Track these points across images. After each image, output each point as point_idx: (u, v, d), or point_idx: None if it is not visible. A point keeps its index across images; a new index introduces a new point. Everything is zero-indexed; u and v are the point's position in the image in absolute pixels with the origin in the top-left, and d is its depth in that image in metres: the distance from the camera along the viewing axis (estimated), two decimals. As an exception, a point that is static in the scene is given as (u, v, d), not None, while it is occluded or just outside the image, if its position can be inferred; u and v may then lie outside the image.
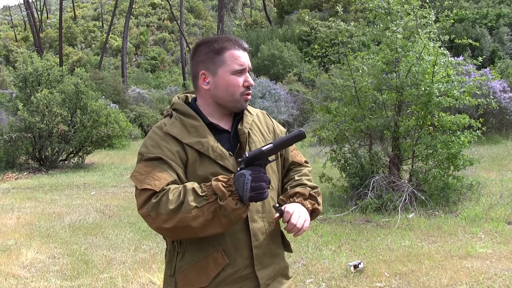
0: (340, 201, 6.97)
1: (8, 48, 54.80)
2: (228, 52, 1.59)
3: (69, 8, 67.00)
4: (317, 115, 11.94)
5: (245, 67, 1.61)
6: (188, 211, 1.37)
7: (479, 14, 26.54)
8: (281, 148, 1.45)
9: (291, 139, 1.43)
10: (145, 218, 1.45)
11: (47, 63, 12.89)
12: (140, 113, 21.82)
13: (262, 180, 1.37)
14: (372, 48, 7.27)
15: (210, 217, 1.37)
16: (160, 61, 50.27)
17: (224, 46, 1.60)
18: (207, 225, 1.39)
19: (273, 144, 1.42)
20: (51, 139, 11.78)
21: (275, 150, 1.42)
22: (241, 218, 1.41)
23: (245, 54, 1.63)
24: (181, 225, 1.39)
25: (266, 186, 1.38)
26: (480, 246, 4.73)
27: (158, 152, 1.52)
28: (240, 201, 1.37)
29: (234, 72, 1.59)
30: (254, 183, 1.35)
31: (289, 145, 1.47)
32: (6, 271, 4.48)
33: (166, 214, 1.39)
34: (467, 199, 6.59)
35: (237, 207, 1.37)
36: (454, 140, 6.18)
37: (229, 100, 1.61)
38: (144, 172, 1.49)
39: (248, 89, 1.63)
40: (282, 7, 42.54)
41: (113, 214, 6.91)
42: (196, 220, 1.38)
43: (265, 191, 1.37)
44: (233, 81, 1.60)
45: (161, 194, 1.43)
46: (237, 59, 1.60)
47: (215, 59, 1.60)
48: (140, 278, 4.21)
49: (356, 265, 4.18)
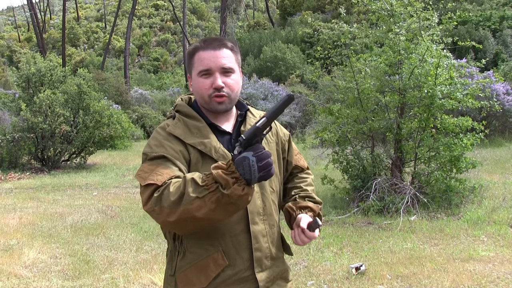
0: (342, 203, 6.96)
1: (12, 48, 54.96)
2: (197, 54, 1.59)
3: (72, 9, 67.18)
4: (319, 117, 11.91)
5: (209, 68, 1.56)
6: (189, 202, 1.34)
7: (482, 16, 26.49)
8: (275, 117, 1.39)
9: (282, 105, 1.38)
10: (150, 214, 1.44)
11: (50, 63, 12.93)
12: (143, 114, 21.84)
13: (267, 157, 1.32)
14: (374, 50, 7.27)
15: (213, 207, 1.34)
16: (163, 62, 50.32)
17: (195, 48, 1.61)
18: (212, 214, 1.36)
19: (266, 116, 1.38)
20: (53, 140, 11.80)
21: (269, 121, 1.38)
22: (248, 202, 1.37)
23: (217, 52, 1.57)
24: (184, 216, 1.36)
25: (271, 160, 1.34)
26: (483, 249, 4.71)
27: (161, 151, 1.52)
28: (247, 185, 1.33)
29: (199, 73, 1.58)
30: (260, 162, 1.30)
31: (280, 113, 1.40)
32: (8, 271, 4.49)
33: (169, 207, 1.37)
34: (469, 202, 6.57)
35: (244, 193, 1.32)
36: (456, 143, 6.16)
37: (203, 102, 1.61)
38: (148, 170, 1.49)
39: (218, 91, 1.56)
40: (285, 8, 42.57)
41: (115, 215, 6.91)
42: (200, 211, 1.35)
43: (272, 167, 1.33)
44: (200, 83, 1.58)
45: (163, 188, 1.41)
46: (202, 60, 1.57)
47: (189, 62, 1.63)
48: (142, 278, 4.21)
49: (358, 267, 4.18)
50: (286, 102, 1.37)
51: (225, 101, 1.59)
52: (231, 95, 1.60)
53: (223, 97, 1.58)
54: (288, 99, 1.37)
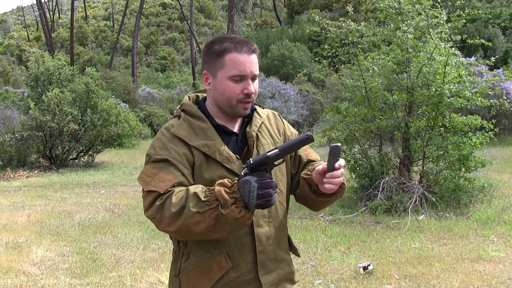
0: (350, 202, 6.92)
1: (21, 47, 55.39)
2: (229, 55, 1.52)
3: (81, 8, 67.52)
4: (327, 115, 11.89)
5: (245, 74, 1.52)
6: (189, 216, 1.35)
7: (492, 14, 26.26)
8: (288, 153, 1.39)
9: (298, 143, 1.37)
10: (151, 220, 1.45)
11: (58, 62, 13.02)
12: (150, 113, 21.91)
13: (269, 187, 1.31)
14: (382, 49, 7.21)
15: (212, 223, 1.35)
16: (170, 61, 50.43)
17: (226, 48, 1.52)
18: (210, 231, 1.37)
19: (279, 149, 1.36)
20: (61, 138, 11.87)
21: (281, 155, 1.36)
22: (244, 225, 1.37)
23: (250, 57, 1.53)
24: (184, 229, 1.38)
25: (273, 192, 1.33)
26: (493, 250, 4.66)
27: (165, 153, 1.50)
28: (245, 208, 1.33)
29: (232, 77, 1.52)
30: (261, 190, 1.30)
31: (295, 150, 1.40)
32: (17, 268, 4.52)
33: (169, 217, 1.38)
34: (478, 202, 6.51)
35: (241, 216, 1.32)
36: (465, 142, 6.11)
37: (226, 105, 1.56)
38: (151, 174, 1.48)
39: (247, 97, 1.54)
40: (292, 7, 42.49)
41: (122, 213, 6.94)
42: (198, 226, 1.35)
43: (272, 198, 1.32)
44: (230, 87, 1.53)
45: (165, 196, 1.41)
46: (237, 64, 1.51)
47: (216, 61, 1.55)
48: (149, 277, 4.22)
49: (366, 267, 4.15)
50: (303, 141, 1.36)
51: (249, 107, 1.59)
52: (254, 100, 1.59)
53: (250, 103, 1.57)
54: (307, 139, 1.36)
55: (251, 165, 1.34)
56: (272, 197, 1.32)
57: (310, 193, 1.60)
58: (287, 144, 1.38)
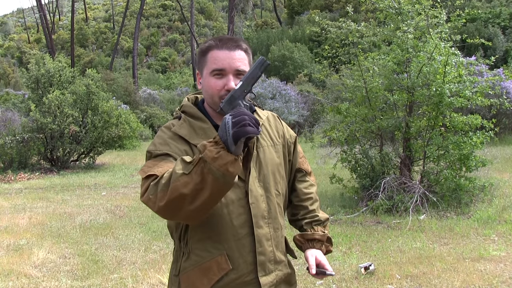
0: (351, 202, 6.92)
1: (21, 49, 55.51)
2: (211, 53, 1.55)
3: (81, 10, 67.61)
4: (327, 115, 11.89)
5: (223, 68, 1.52)
6: (176, 179, 1.32)
7: (492, 13, 26.24)
8: (251, 81, 1.37)
9: (257, 68, 1.36)
10: (146, 204, 1.42)
11: (59, 64, 13.03)
12: (151, 114, 21.94)
13: (243, 114, 1.28)
14: (383, 49, 7.22)
15: (198, 180, 1.30)
16: (171, 62, 50.49)
17: (209, 45, 1.57)
18: (199, 190, 1.32)
19: (240, 80, 1.37)
20: (62, 140, 11.89)
21: (244, 85, 1.36)
22: (227, 172, 1.29)
23: (232, 53, 1.54)
24: (173, 196, 1.33)
25: (249, 119, 1.27)
26: (494, 249, 4.66)
27: (166, 149, 1.52)
28: (226, 150, 1.28)
29: (212, 72, 1.54)
30: (235, 118, 1.27)
31: (256, 75, 1.37)
32: (18, 270, 4.52)
33: (161, 191, 1.36)
34: (479, 201, 6.51)
35: (218, 155, 1.27)
36: (466, 141, 6.11)
37: (211, 102, 1.58)
38: (152, 165, 1.48)
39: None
40: (293, 7, 42.53)
41: (123, 215, 6.94)
42: (187, 187, 1.31)
43: (247, 122, 1.26)
44: (211, 83, 1.54)
45: (160, 176, 1.40)
46: (216, 59, 1.53)
47: (201, 59, 1.59)
48: (150, 278, 4.23)
49: (367, 267, 4.15)
50: (260, 65, 1.36)
51: None
52: None
53: None
54: (262, 62, 1.36)
55: (223, 107, 1.35)
56: (247, 122, 1.26)
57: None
58: (247, 74, 1.39)
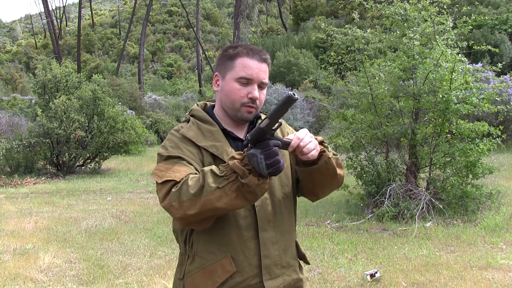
0: (357, 209, 6.90)
1: (29, 55, 55.93)
2: (240, 59, 1.58)
3: (88, 16, 68.16)
4: (333, 122, 11.89)
5: (252, 78, 1.57)
6: (210, 192, 1.37)
7: (498, 19, 26.14)
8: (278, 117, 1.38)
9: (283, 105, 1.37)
10: (168, 210, 1.45)
11: (65, 69, 13.12)
12: (156, 120, 22.00)
13: (275, 155, 1.34)
14: (388, 55, 7.21)
15: (234, 196, 1.37)
16: (177, 68, 50.70)
17: (239, 52, 1.59)
18: (232, 203, 1.38)
19: (267, 117, 1.38)
20: (68, 145, 11.95)
21: (272, 121, 1.37)
22: (266, 190, 1.39)
23: (261, 65, 1.59)
24: (205, 208, 1.38)
25: (280, 158, 1.35)
26: (502, 257, 4.62)
27: (178, 152, 1.54)
28: (260, 176, 1.36)
29: (238, 79, 1.57)
30: (268, 160, 1.33)
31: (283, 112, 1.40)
32: (24, 275, 4.53)
33: (189, 200, 1.39)
34: (486, 208, 6.46)
35: (260, 182, 1.35)
36: (472, 148, 6.07)
37: (230, 107, 1.61)
38: (165, 168, 1.50)
39: (252, 102, 1.58)
40: (298, 14, 42.62)
41: (129, 220, 6.95)
42: (221, 201, 1.37)
43: (280, 163, 1.34)
44: (235, 89, 1.58)
45: (181, 183, 1.43)
46: (246, 67, 1.57)
47: (227, 63, 1.61)
48: (155, 284, 4.22)
49: (373, 274, 4.13)
50: (287, 102, 1.36)
51: (253, 113, 1.61)
52: (258, 108, 1.62)
53: (253, 108, 1.60)
54: (289, 99, 1.36)
55: (250, 140, 1.37)
56: (280, 163, 1.34)
57: (298, 168, 1.58)
58: (273, 110, 1.39)
